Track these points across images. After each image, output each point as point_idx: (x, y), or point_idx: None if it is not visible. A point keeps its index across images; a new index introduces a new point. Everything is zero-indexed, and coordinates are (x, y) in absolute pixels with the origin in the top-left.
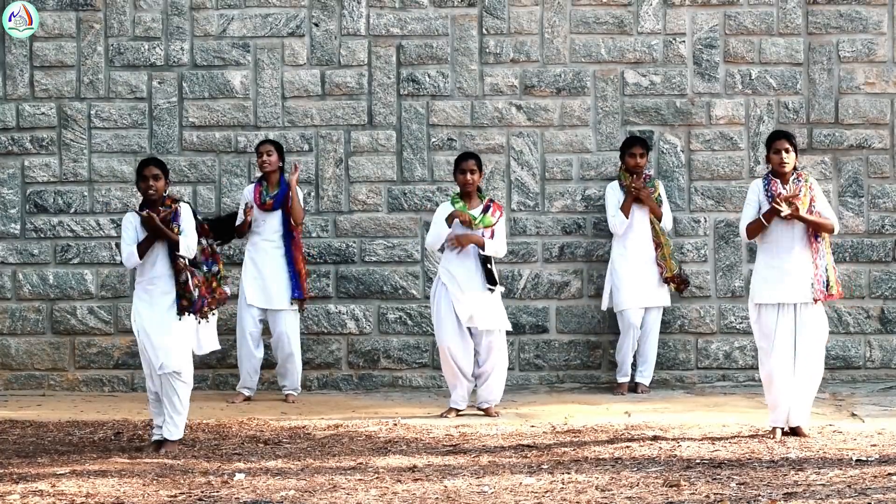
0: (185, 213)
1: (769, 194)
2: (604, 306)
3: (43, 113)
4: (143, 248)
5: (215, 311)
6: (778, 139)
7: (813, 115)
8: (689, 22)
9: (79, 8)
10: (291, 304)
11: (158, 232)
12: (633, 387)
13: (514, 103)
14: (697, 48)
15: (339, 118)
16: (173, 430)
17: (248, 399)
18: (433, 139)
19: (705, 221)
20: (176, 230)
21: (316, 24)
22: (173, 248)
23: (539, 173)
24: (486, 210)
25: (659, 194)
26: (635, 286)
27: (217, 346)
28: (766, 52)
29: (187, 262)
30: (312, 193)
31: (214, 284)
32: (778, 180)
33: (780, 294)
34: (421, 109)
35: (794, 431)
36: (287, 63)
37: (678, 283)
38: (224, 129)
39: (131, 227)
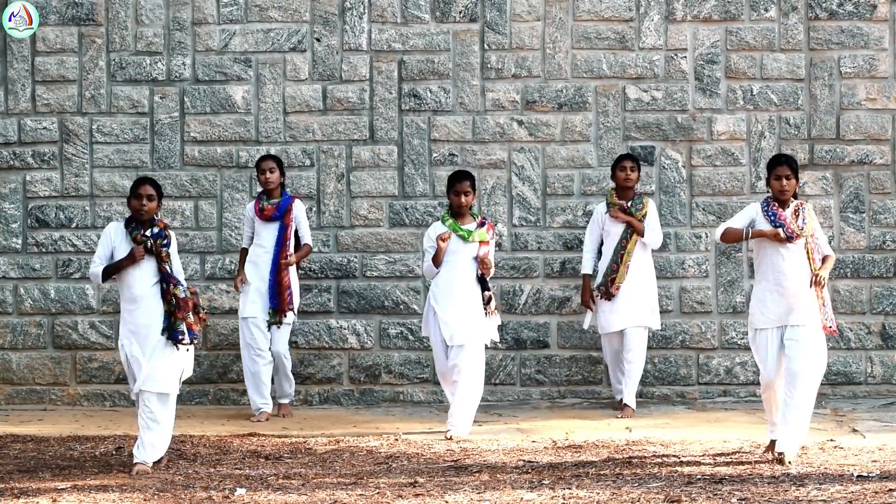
0: (173, 241)
1: (769, 214)
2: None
3: (44, 127)
4: (110, 272)
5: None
6: (779, 165)
7: (814, 131)
8: (691, 37)
9: (80, 23)
10: (268, 312)
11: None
12: (621, 406)
13: (516, 118)
14: (699, 64)
15: (340, 133)
16: (151, 451)
17: (267, 414)
18: (434, 154)
19: (706, 237)
20: (165, 255)
21: (318, 39)
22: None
23: (540, 188)
24: (480, 225)
25: (646, 213)
26: (614, 307)
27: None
28: (768, 68)
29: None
30: (314, 208)
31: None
32: (777, 204)
33: (777, 318)
34: (422, 124)
35: (778, 459)
36: (289, 78)
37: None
38: (226, 144)
39: (107, 242)
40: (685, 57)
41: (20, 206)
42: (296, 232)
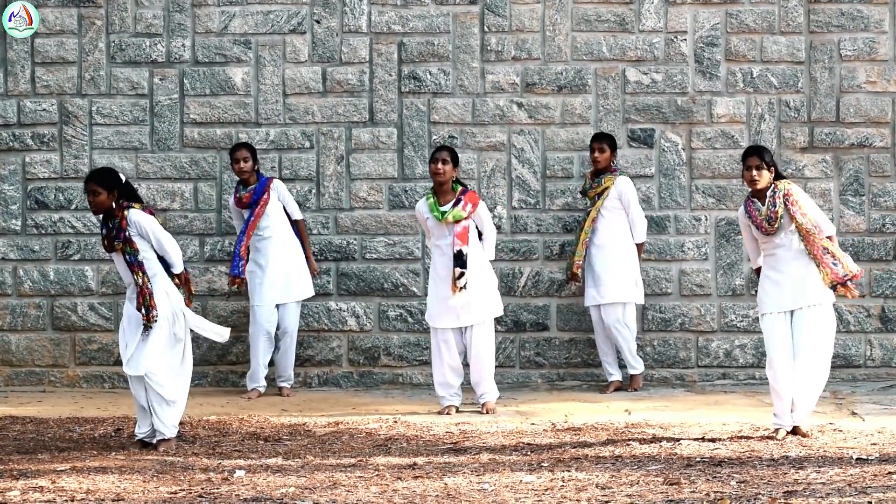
0: (139, 218)
1: (747, 213)
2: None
3: (44, 109)
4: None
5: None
6: (749, 156)
7: (814, 114)
8: (691, 20)
9: (80, 4)
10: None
11: None
12: (621, 385)
13: (516, 101)
14: (699, 46)
15: (340, 115)
16: (162, 428)
17: (258, 392)
18: (434, 137)
19: (706, 220)
20: (118, 246)
21: (317, 21)
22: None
23: (540, 171)
24: (456, 203)
25: (603, 191)
26: (597, 283)
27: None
28: (768, 51)
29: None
30: (313, 191)
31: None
32: (756, 199)
33: (783, 302)
34: (422, 107)
35: (794, 431)
36: (288, 60)
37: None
38: (225, 126)
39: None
40: (685, 39)
41: (20, 188)
42: (288, 214)
